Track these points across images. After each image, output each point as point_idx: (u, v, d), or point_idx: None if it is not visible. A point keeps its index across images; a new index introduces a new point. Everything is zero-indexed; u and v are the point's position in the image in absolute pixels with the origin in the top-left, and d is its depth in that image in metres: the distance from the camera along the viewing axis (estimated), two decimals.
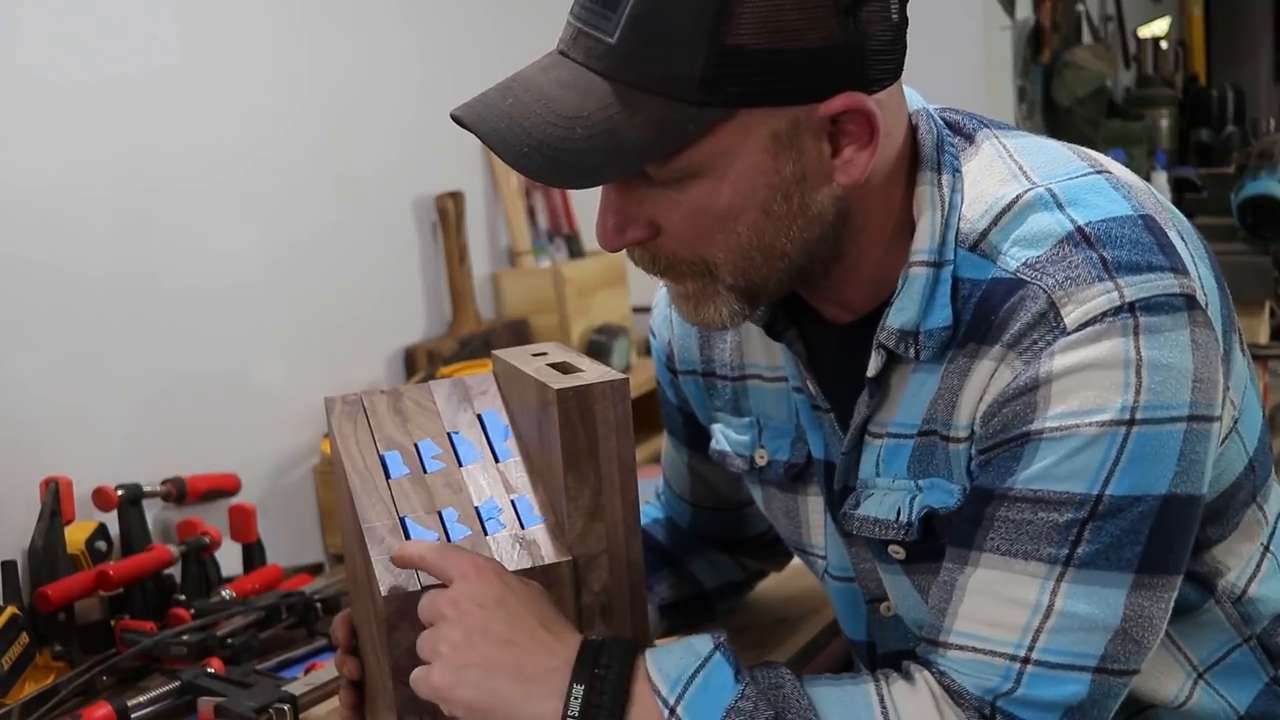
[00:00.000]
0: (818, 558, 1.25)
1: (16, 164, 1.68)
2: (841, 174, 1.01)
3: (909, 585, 1.15)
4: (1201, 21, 6.47)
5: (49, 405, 1.72)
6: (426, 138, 2.33)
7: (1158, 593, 1.00)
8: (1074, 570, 0.98)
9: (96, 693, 1.46)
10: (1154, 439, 0.96)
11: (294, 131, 2.11)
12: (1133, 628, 0.99)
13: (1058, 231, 1.00)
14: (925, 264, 1.04)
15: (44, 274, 1.71)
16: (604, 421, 1.08)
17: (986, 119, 1.12)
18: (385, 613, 1.06)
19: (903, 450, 1.09)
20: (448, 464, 1.17)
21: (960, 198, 1.05)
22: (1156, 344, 0.96)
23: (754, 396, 1.24)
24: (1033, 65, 4.42)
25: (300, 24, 2.12)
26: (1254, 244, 3.34)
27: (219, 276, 1.97)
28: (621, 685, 0.98)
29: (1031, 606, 0.99)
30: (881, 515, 1.11)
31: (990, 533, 1.00)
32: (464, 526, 1.12)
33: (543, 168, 0.96)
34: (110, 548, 1.68)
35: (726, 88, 0.95)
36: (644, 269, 1.07)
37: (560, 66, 0.98)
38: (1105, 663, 0.99)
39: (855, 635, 1.27)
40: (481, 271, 2.54)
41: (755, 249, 1.02)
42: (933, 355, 1.05)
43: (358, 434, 1.20)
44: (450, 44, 2.41)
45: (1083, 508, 0.97)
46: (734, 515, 1.43)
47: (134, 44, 1.83)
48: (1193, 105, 5.45)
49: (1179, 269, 0.99)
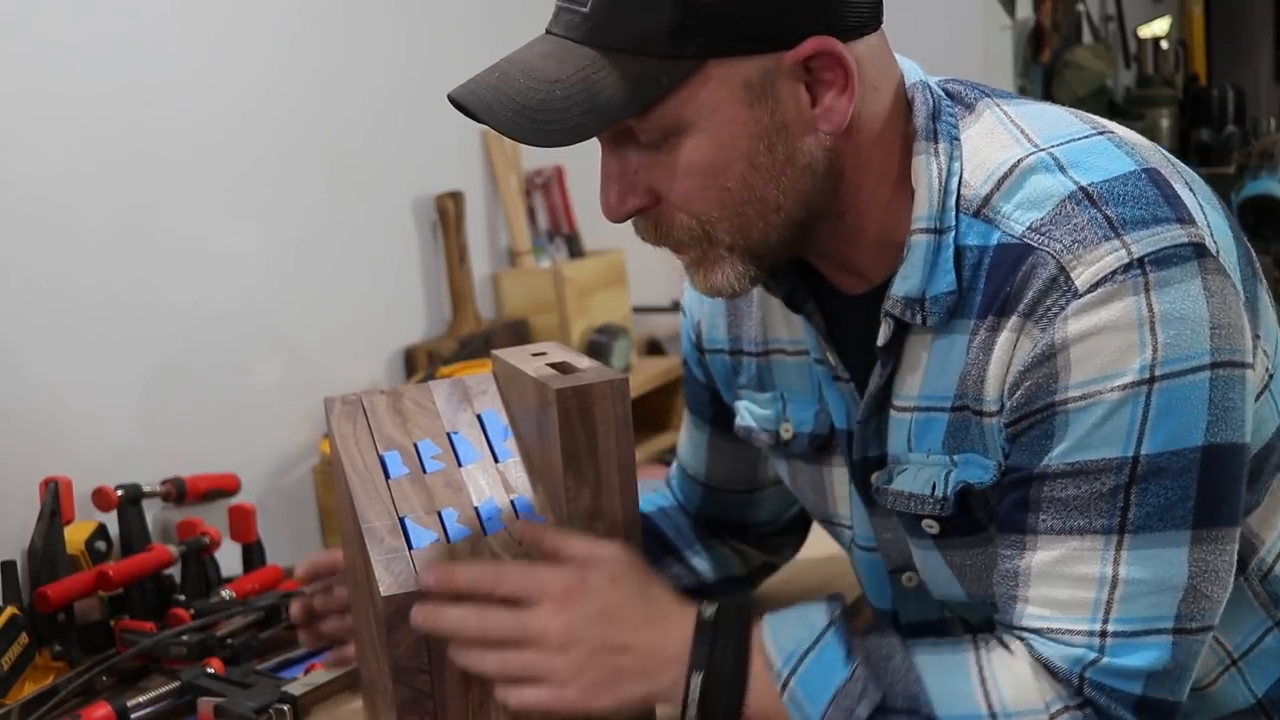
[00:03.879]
0: (844, 528, 1.26)
1: (16, 164, 1.68)
2: (824, 121, 1.02)
3: (940, 560, 1.16)
4: (1202, 21, 6.46)
5: (49, 405, 1.72)
6: (427, 138, 2.33)
7: (1219, 545, 1.00)
8: (1130, 536, 0.99)
9: (96, 693, 1.46)
10: (1179, 392, 0.97)
11: (294, 132, 2.11)
12: (1200, 583, 1.00)
13: (1060, 192, 1.01)
14: (925, 231, 1.05)
15: (44, 274, 1.71)
16: (603, 421, 1.08)
17: (988, 88, 1.13)
18: (385, 613, 1.06)
19: (936, 424, 1.09)
20: (447, 464, 1.17)
21: (960, 164, 1.06)
22: (1169, 296, 0.96)
23: (778, 371, 1.26)
24: (1033, 65, 4.42)
25: (300, 24, 2.12)
26: (1254, 244, 3.34)
27: (219, 276, 1.97)
28: (738, 667, 1.03)
29: (1097, 580, 0.99)
30: (916, 490, 1.12)
31: (1040, 514, 1.01)
32: (464, 527, 1.11)
33: (526, 129, 1.00)
34: (110, 548, 1.68)
35: (694, 39, 0.98)
36: (648, 240, 1.09)
37: (544, 42, 1.04)
38: (1181, 622, 1.00)
39: (880, 604, 1.28)
40: (481, 271, 2.54)
41: (747, 202, 1.03)
42: (939, 321, 1.06)
43: (357, 434, 1.20)
44: (451, 44, 2.41)
45: (1122, 472, 0.98)
46: (748, 498, 1.43)
47: (134, 44, 1.83)
48: (1193, 105, 5.44)
49: (1185, 219, 0.99)
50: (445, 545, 1.12)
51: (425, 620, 1.05)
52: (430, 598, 1.05)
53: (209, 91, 1.95)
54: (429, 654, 1.07)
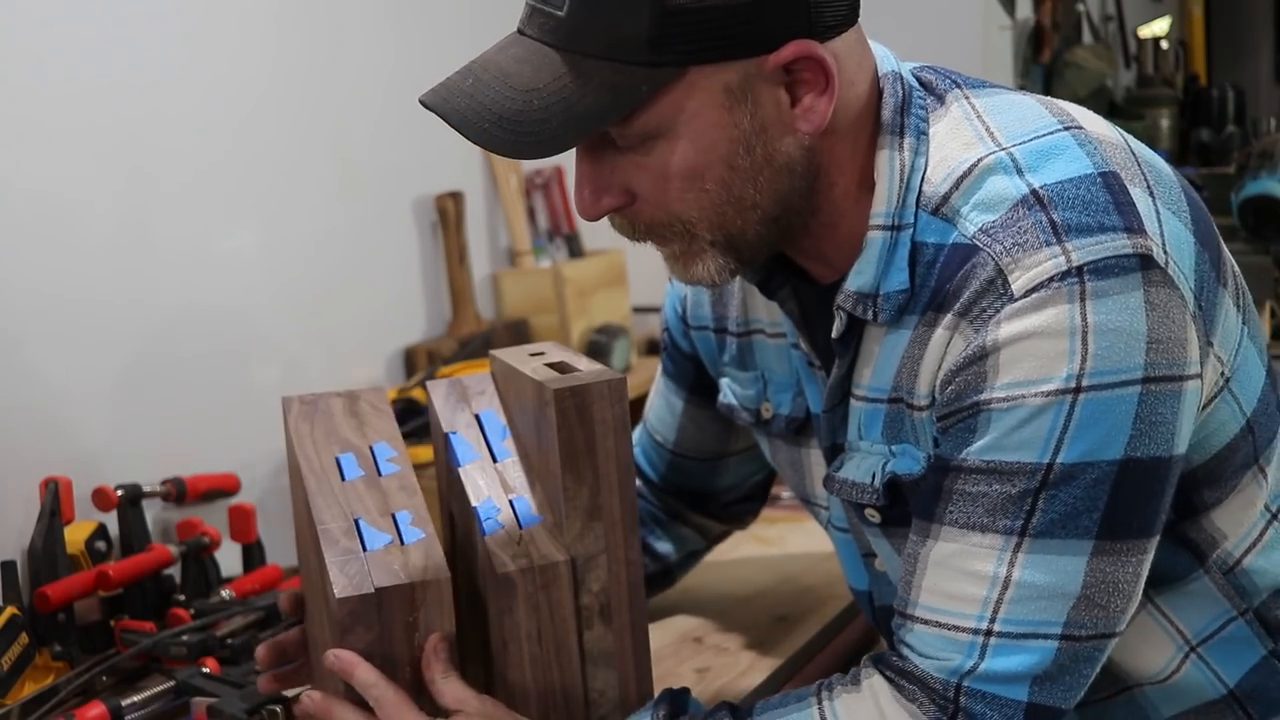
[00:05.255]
0: (821, 508, 1.27)
1: (16, 164, 1.68)
2: (803, 122, 1.02)
3: (889, 547, 1.17)
4: (1202, 21, 6.46)
5: (49, 405, 1.72)
6: (427, 138, 2.33)
7: (1123, 557, 1.00)
8: (1030, 540, 0.98)
9: (96, 693, 1.46)
10: (1103, 405, 0.96)
11: (294, 132, 2.11)
12: (1095, 594, 0.99)
13: (1013, 195, 1.00)
14: (882, 227, 1.06)
15: (44, 273, 1.71)
16: (601, 421, 1.09)
17: (961, 77, 1.12)
18: (339, 615, 1.06)
19: (877, 415, 1.10)
20: (402, 467, 1.17)
21: (925, 160, 1.06)
22: (1105, 308, 0.95)
23: (759, 351, 1.27)
24: (1033, 65, 4.42)
25: (300, 24, 2.12)
26: (1254, 244, 3.33)
27: (219, 276, 1.97)
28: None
29: (990, 579, 0.99)
30: (857, 479, 1.13)
31: (949, 505, 1.01)
32: (418, 529, 1.12)
33: (505, 141, 0.98)
34: (110, 548, 1.68)
35: (674, 47, 0.97)
36: (626, 236, 1.09)
37: (517, 44, 1.02)
38: (1069, 629, 0.99)
39: (857, 585, 1.29)
40: (481, 271, 2.54)
41: (726, 203, 1.03)
42: (890, 318, 1.06)
43: (314, 434, 1.20)
44: (452, 45, 2.40)
45: (1034, 477, 0.97)
46: (713, 466, 1.44)
47: (134, 44, 1.83)
48: (1193, 105, 5.44)
49: (1133, 228, 0.98)
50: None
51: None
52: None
53: (208, 92, 1.95)
54: (380, 658, 1.08)
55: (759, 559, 1.72)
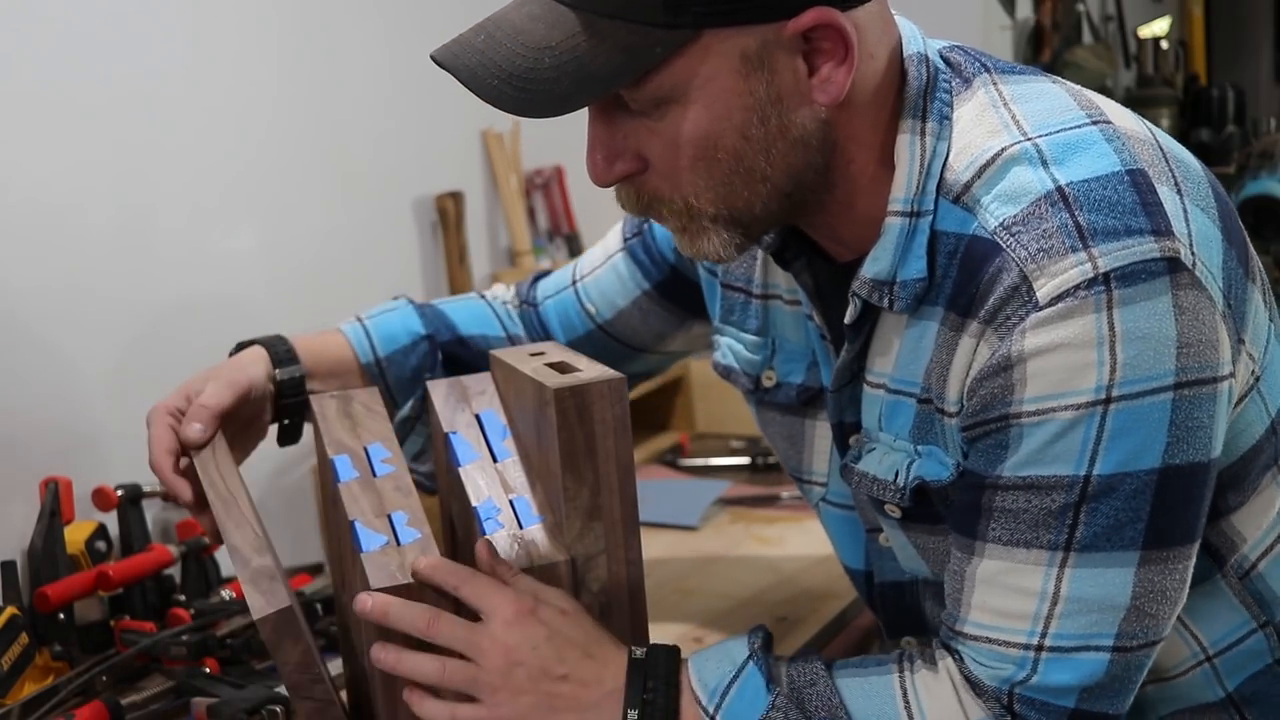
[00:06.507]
0: (816, 485, 1.26)
1: (17, 164, 1.68)
2: (820, 93, 1.00)
3: (905, 539, 1.16)
4: (1202, 21, 6.45)
5: (49, 405, 1.72)
6: (427, 138, 2.33)
7: (1169, 565, 0.99)
8: (1075, 554, 0.97)
9: (96, 693, 1.46)
10: (1136, 414, 0.95)
11: (294, 132, 2.11)
12: (1145, 603, 0.98)
13: (1037, 189, 0.98)
14: (900, 214, 1.04)
15: (44, 274, 1.71)
16: (601, 421, 1.09)
17: (991, 60, 1.10)
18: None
19: (904, 409, 1.09)
20: (397, 467, 1.18)
21: (947, 146, 1.04)
22: (1133, 315, 0.93)
23: (775, 317, 1.25)
24: (1033, 65, 4.42)
25: (300, 24, 2.12)
26: (1254, 244, 3.34)
27: (219, 276, 1.97)
28: (670, 705, 1.03)
29: (1038, 594, 0.99)
30: (880, 475, 1.12)
31: (991, 522, 1.00)
32: (413, 530, 1.12)
33: (513, 99, 0.97)
34: (110, 548, 1.68)
35: (690, 9, 0.95)
36: (629, 209, 1.07)
37: (532, 2, 1.00)
38: (1121, 640, 0.99)
39: (853, 564, 1.28)
40: (481, 271, 2.53)
41: (735, 174, 1.01)
42: (907, 306, 1.04)
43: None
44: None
45: (1073, 490, 0.96)
46: (631, 354, 1.42)
47: (134, 44, 1.82)
48: (1193, 105, 5.43)
49: (1161, 230, 0.96)
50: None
51: (373, 609, 1.05)
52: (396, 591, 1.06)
53: (209, 92, 1.95)
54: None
55: (759, 559, 1.72)
